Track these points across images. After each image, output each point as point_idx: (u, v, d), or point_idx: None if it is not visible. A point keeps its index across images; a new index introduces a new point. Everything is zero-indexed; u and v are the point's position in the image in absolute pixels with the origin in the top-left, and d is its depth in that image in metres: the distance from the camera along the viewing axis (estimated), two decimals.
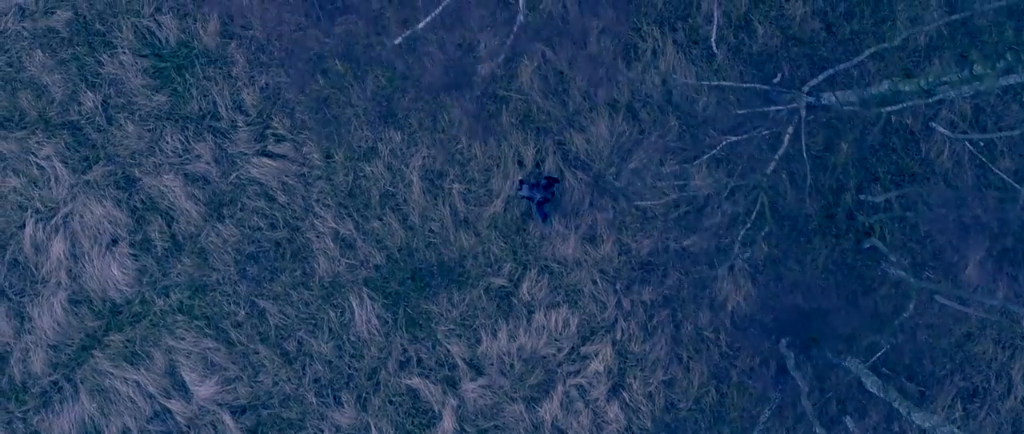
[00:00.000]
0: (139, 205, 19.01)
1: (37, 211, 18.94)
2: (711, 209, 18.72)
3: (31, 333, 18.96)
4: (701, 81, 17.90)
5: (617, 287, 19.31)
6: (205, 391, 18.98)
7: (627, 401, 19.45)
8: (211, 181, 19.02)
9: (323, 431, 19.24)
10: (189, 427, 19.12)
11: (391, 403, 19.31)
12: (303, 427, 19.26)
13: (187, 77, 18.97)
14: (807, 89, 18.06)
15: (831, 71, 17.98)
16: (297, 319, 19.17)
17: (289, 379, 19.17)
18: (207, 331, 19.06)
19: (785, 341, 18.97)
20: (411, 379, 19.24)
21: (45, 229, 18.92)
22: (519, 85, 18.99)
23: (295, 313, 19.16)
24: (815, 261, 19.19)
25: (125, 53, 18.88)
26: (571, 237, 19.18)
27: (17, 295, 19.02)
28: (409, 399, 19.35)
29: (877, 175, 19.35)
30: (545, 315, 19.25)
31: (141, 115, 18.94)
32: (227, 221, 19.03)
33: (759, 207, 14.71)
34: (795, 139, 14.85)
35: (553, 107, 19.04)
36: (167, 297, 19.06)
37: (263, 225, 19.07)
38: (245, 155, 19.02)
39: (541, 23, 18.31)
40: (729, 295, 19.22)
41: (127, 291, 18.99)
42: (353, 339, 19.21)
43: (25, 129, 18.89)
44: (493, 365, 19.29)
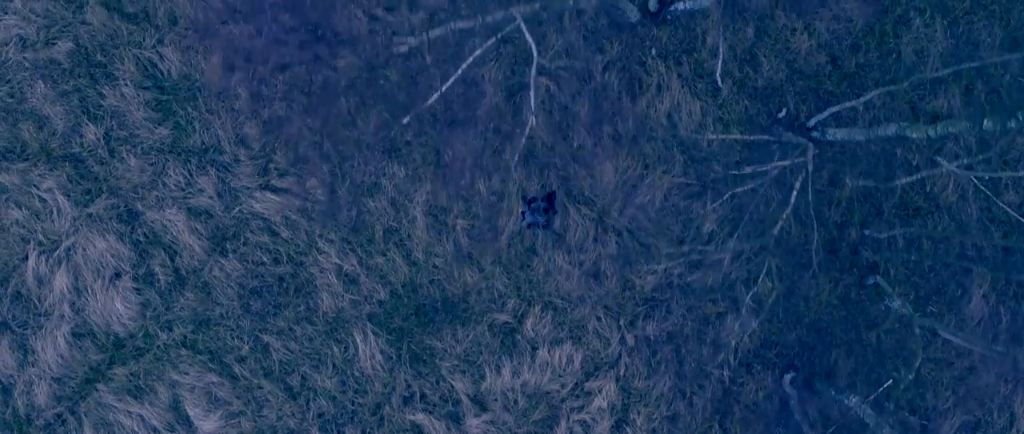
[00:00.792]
0: (142, 239, 18.94)
1: (40, 243, 18.87)
2: (716, 246, 18.68)
3: (35, 366, 18.94)
4: (705, 133, 17.81)
5: (621, 323, 19.28)
6: (209, 426, 18.97)
7: None
8: (214, 215, 18.94)
9: None
10: None
11: None
12: None
13: (189, 110, 18.85)
14: (812, 124, 17.99)
15: (837, 108, 17.90)
16: (301, 354, 19.13)
17: (293, 414, 19.15)
18: (211, 365, 19.03)
19: (788, 377, 18.99)
20: (415, 415, 19.23)
21: (48, 262, 18.86)
22: (523, 119, 18.90)
23: (299, 348, 19.12)
24: (819, 296, 19.17)
25: (127, 85, 18.75)
26: (575, 273, 19.13)
27: (20, 327, 18.98)
28: None
29: (882, 210, 19.29)
30: (549, 351, 19.22)
31: (143, 148, 18.83)
32: (230, 255, 18.96)
33: (767, 267, 14.65)
34: (802, 192, 14.78)
35: (557, 142, 18.95)
36: (171, 331, 19.03)
37: (266, 260, 19.01)
38: (248, 189, 18.93)
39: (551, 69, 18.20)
40: (733, 331, 19.22)
41: (130, 325, 18.95)
42: (357, 374, 19.18)
43: (27, 161, 18.79)
44: (497, 401, 19.27)
